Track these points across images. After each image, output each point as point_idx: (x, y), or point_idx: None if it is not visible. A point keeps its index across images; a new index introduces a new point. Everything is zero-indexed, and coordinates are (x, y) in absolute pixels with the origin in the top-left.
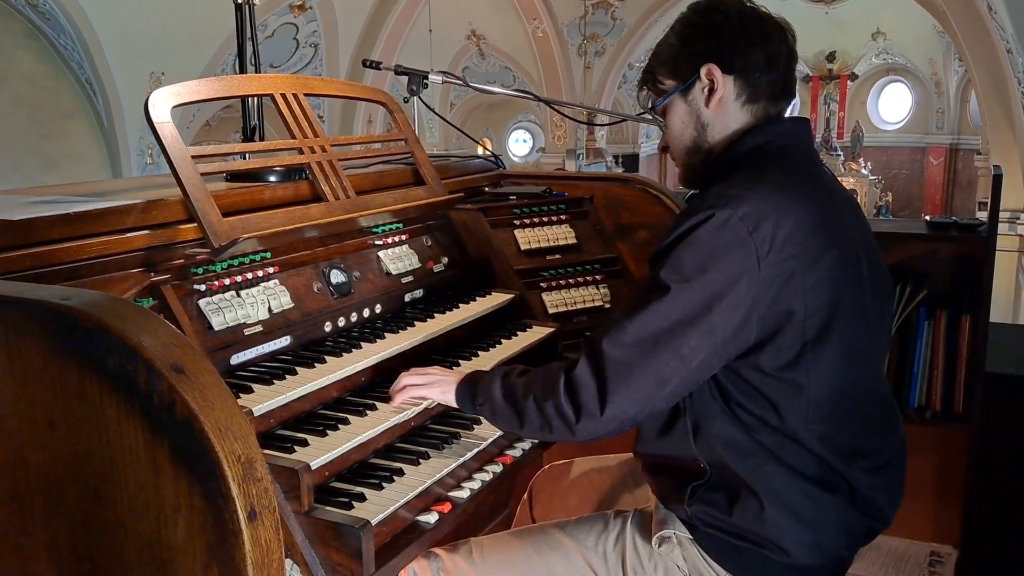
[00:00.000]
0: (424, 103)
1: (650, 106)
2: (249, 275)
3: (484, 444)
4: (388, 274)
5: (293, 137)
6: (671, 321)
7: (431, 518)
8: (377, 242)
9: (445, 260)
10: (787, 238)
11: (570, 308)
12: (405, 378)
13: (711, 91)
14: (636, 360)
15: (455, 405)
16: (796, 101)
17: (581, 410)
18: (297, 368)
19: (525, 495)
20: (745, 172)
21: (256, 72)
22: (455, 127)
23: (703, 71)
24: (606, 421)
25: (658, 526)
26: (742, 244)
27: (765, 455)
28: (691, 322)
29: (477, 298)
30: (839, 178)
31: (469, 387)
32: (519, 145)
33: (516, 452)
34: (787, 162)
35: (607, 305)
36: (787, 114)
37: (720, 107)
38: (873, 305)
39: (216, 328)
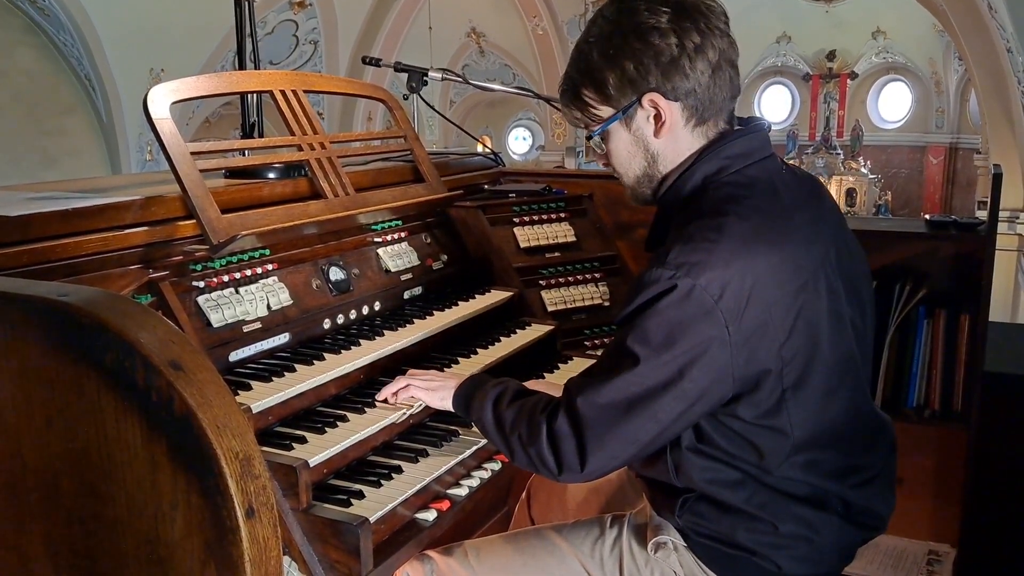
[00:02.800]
0: (424, 100)
1: (587, 136)
2: (248, 272)
3: (483, 442)
4: (387, 271)
5: (292, 134)
6: (644, 388)
7: (429, 516)
8: (376, 239)
9: (444, 258)
10: (755, 297)
11: (569, 306)
12: (403, 382)
13: (657, 119)
14: (611, 422)
15: (453, 411)
16: (796, 101)
17: (562, 464)
18: (296, 365)
19: (523, 494)
20: (700, 223)
21: (255, 69)
22: (455, 124)
23: (645, 101)
24: (587, 475)
25: (653, 532)
26: (708, 314)
27: (753, 483)
28: (663, 389)
29: (476, 296)
30: (839, 177)
31: (464, 400)
32: (519, 143)
33: None
34: (745, 197)
35: (606, 303)
36: (786, 109)
37: (670, 135)
38: (855, 319)
39: (215, 325)
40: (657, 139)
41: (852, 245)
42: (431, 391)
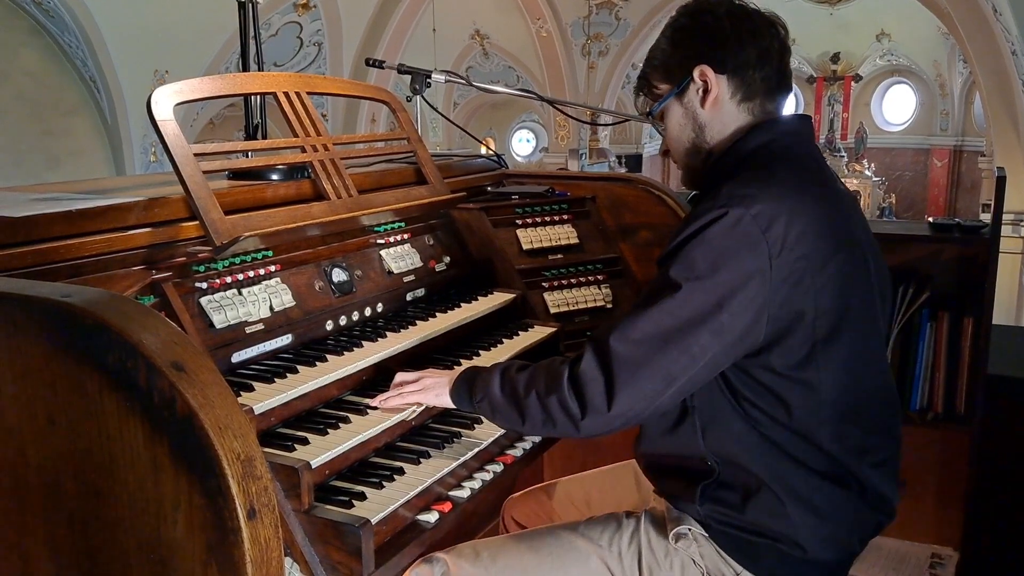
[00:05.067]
0: (427, 102)
1: (648, 112)
2: (251, 273)
3: (485, 443)
4: (390, 273)
5: (295, 136)
6: (681, 319)
7: (431, 517)
8: (379, 241)
9: (447, 259)
10: (798, 239)
11: (572, 308)
12: (399, 378)
13: (705, 91)
14: (645, 357)
15: (451, 406)
16: (800, 103)
17: (587, 406)
18: (298, 366)
19: (502, 510)
20: (754, 171)
21: (259, 71)
22: (458, 126)
23: (696, 73)
24: (612, 418)
25: (673, 523)
26: (755, 244)
27: (777, 452)
28: (701, 321)
29: (479, 297)
30: (843, 179)
31: (466, 384)
32: (522, 145)
33: (517, 452)
34: (795, 162)
35: (609, 305)
36: (790, 111)
37: (716, 107)
38: (880, 305)
39: (217, 326)
40: (704, 110)
41: (880, 252)
42: (426, 390)
